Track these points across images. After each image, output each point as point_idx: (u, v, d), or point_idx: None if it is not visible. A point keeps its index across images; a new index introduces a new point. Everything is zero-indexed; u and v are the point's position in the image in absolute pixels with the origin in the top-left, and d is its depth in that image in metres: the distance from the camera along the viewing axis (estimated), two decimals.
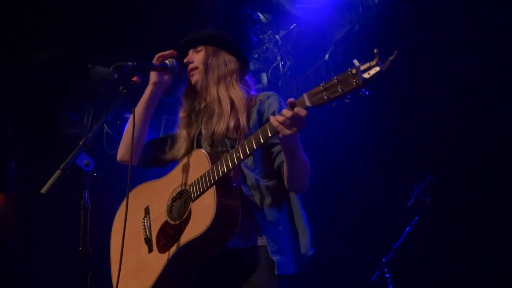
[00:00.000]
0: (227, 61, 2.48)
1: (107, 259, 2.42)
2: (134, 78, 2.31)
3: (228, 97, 2.38)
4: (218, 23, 4.38)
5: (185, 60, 2.53)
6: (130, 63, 2.32)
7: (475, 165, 4.31)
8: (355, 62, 1.79)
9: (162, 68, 2.47)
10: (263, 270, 2.20)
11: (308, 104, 1.93)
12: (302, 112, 1.95)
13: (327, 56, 4.79)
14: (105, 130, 4.92)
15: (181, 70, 2.55)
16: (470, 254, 4.24)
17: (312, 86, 1.91)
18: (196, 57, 2.51)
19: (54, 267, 4.96)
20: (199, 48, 2.52)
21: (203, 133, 2.43)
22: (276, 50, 4.90)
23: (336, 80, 1.83)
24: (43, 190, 1.93)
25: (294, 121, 1.98)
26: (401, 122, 4.75)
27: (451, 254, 4.36)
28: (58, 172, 1.96)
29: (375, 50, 1.76)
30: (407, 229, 4.26)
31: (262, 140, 2.06)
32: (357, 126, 4.91)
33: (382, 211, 4.77)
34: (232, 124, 2.31)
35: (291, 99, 2.00)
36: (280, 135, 2.03)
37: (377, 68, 1.76)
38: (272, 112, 2.34)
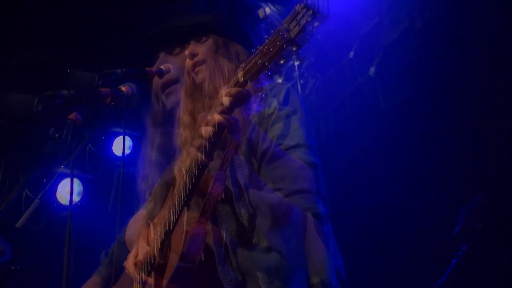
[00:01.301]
0: (239, 53, 2.35)
1: None
2: (124, 88, 2.33)
3: None
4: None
5: (187, 52, 2.39)
6: (118, 70, 2.35)
7: None
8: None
9: (157, 75, 2.49)
10: None
11: (241, 79, 1.85)
12: (234, 91, 1.86)
13: (352, 53, 4.80)
14: (88, 147, 4.95)
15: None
16: None
17: (335, 90, 1.85)
18: (200, 49, 2.38)
19: None
20: (203, 39, 2.40)
21: None
22: None
23: (268, 40, 1.76)
24: (19, 224, 1.96)
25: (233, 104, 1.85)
26: (444, 131, 4.73)
27: None
28: (36, 202, 1.99)
29: None
30: (453, 261, 4.24)
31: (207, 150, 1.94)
32: (391, 138, 4.90)
33: (423, 240, 4.74)
34: None
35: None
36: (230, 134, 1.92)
37: (310, 12, 1.66)
38: (274, 108, 2.18)
